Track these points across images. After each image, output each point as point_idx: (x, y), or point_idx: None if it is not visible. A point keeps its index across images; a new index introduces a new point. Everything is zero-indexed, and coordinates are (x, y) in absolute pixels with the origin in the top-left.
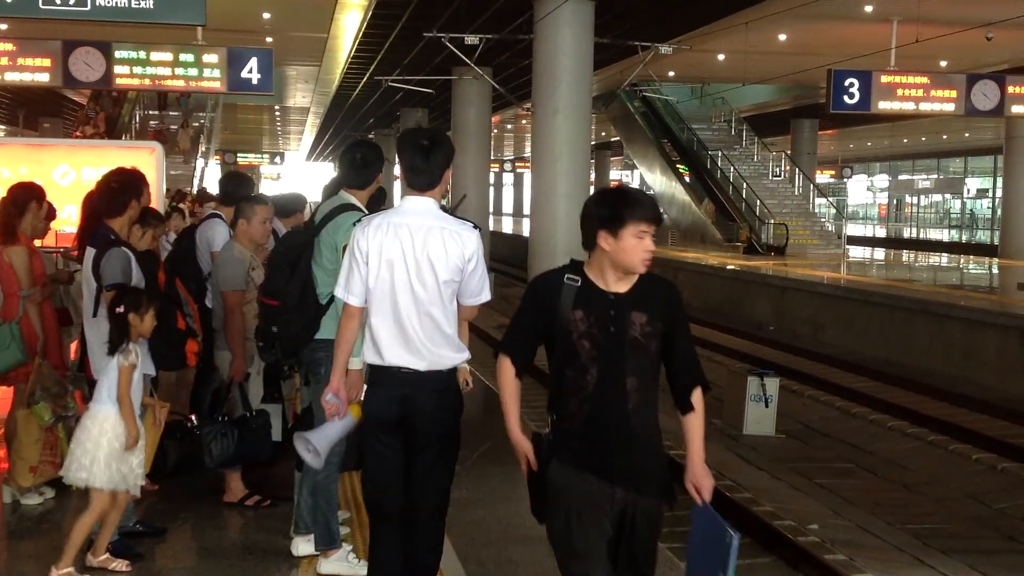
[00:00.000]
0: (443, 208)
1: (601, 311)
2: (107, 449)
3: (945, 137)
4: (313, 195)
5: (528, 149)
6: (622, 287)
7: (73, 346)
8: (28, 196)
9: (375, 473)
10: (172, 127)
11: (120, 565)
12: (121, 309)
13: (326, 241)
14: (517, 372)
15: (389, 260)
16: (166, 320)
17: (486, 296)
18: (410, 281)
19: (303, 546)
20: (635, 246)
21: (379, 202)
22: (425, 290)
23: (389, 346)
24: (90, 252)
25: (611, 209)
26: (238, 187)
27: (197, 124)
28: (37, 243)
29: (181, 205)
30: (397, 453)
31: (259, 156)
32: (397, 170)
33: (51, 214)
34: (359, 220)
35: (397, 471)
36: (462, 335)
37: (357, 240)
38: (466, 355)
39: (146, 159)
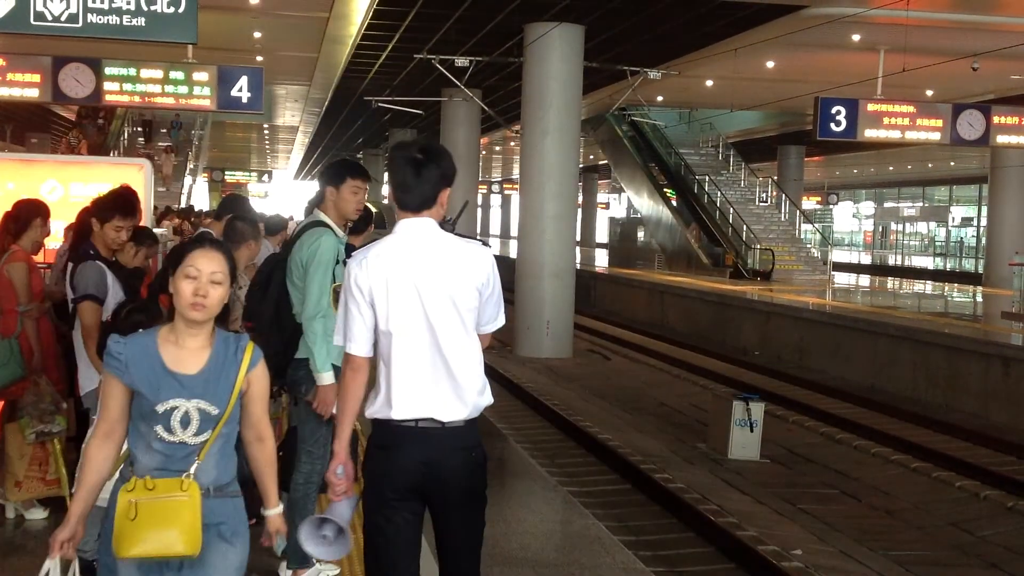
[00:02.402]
0: (443, 225)
1: None
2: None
3: (930, 165)
4: (299, 214)
5: (516, 171)
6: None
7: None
8: (33, 213)
9: (383, 560)
10: (161, 144)
11: None
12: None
13: (295, 259)
14: None
15: (399, 295)
16: None
17: (501, 321)
18: (427, 316)
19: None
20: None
21: (366, 223)
22: (446, 324)
23: (407, 395)
24: (70, 266)
25: None
26: (231, 207)
27: (190, 140)
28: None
29: (166, 222)
30: (413, 528)
31: (247, 174)
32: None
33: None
34: (322, 237)
35: (410, 550)
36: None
37: (355, 277)
38: (490, 399)
39: (134, 176)
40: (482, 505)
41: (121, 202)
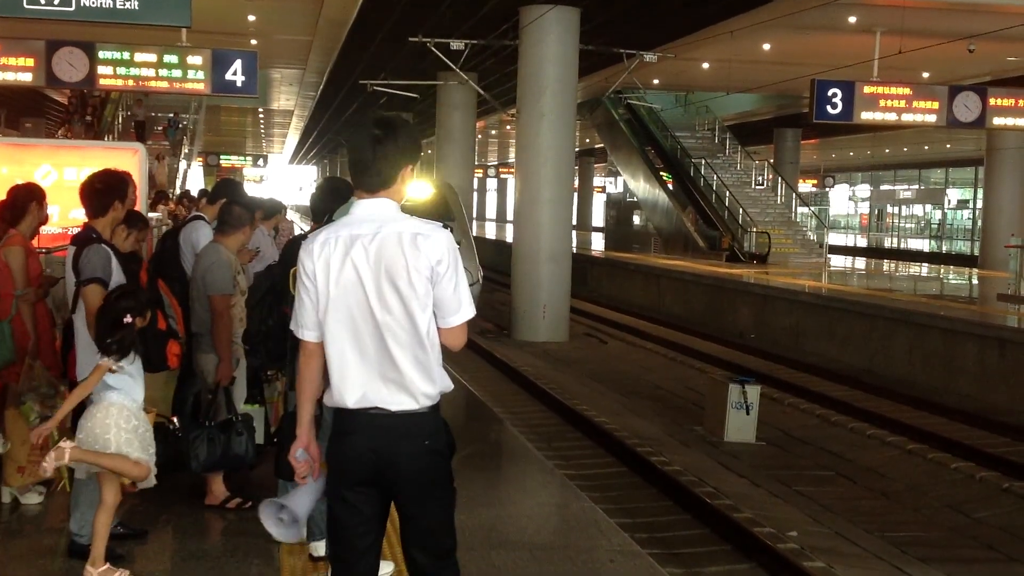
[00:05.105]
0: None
1: None
2: (115, 431)
3: (927, 148)
4: (294, 198)
5: (512, 155)
6: None
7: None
8: (29, 197)
9: (341, 547)
10: (157, 132)
11: (122, 575)
12: (129, 319)
13: None
14: None
15: (342, 281)
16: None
17: (467, 313)
18: (370, 305)
19: (322, 549)
20: None
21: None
22: (390, 315)
23: (353, 384)
24: (71, 250)
25: None
26: (225, 192)
27: (185, 128)
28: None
29: (160, 206)
30: (370, 519)
31: (242, 158)
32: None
33: (44, 218)
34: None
35: (368, 543)
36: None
37: (303, 263)
38: (447, 387)
39: (129, 160)
40: (444, 495)
41: (123, 176)
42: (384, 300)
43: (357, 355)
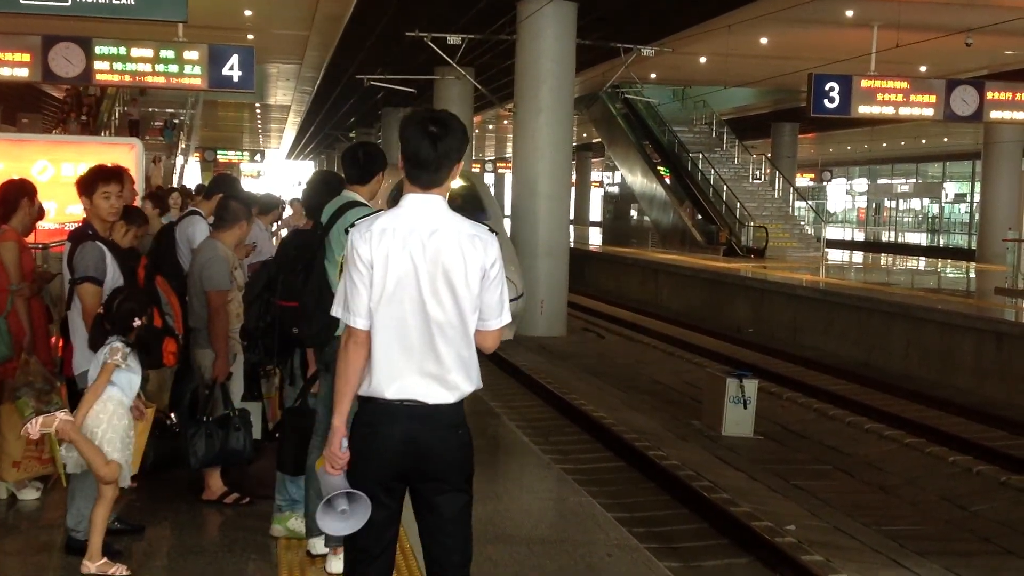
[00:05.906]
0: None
1: None
2: (104, 427)
3: (924, 142)
4: (291, 193)
5: (510, 150)
6: None
7: (54, 343)
8: (20, 193)
9: (366, 540)
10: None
11: (119, 570)
12: (138, 322)
13: (336, 238)
14: None
15: (398, 273)
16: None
17: (507, 317)
18: (422, 299)
19: (320, 546)
20: None
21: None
22: (442, 309)
23: (394, 375)
24: (67, 246)
25: None
26: (221, 187)
27: (181, 125)
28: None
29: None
30: (395, 512)
31: (239, 153)
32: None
33: (40, 213)
34: (363, 217)
35: (392, 535)
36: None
37: (357, 248)
38: (479, 385)
39: (125, 155)
40: (469, 487)
41: (97, 170)
42: (438, 297)
43: (401, 348)
